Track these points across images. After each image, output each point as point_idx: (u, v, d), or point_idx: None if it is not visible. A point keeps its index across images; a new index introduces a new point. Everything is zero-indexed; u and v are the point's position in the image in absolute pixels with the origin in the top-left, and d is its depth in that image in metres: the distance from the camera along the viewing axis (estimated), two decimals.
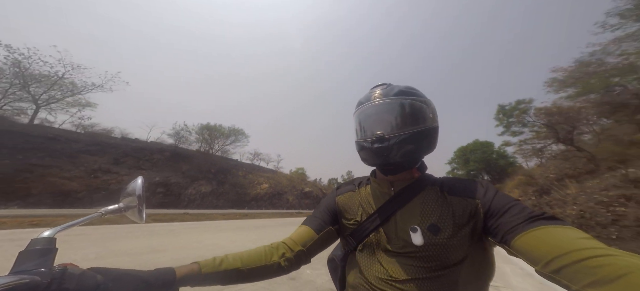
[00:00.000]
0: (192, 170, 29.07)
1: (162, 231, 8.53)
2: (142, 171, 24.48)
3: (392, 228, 0.66)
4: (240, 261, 0.62)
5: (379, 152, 0.65)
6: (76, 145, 22.07)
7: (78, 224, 0.48)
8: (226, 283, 0.61)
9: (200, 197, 27.25)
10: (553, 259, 0.41)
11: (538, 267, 0.44)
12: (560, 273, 0.40)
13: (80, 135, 24.57)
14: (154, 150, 28.74)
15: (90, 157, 21.72)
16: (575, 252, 0.39)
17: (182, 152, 31.51)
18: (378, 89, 0.72)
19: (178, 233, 8.33)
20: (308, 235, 0.74)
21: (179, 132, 32.86)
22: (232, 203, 30.10)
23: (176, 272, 0.53)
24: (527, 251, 0.46)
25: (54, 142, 20.92)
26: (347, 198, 0.80)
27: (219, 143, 36.89)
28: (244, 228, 10.93)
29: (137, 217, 0.58)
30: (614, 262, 0.36)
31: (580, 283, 0.37)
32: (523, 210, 0.52)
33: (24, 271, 0.38)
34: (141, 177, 0.61)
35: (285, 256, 0.68)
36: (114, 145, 25.56)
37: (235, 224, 12.46)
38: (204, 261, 0.59)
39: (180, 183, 26.41)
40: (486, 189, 0.62)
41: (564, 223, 0.47)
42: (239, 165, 38.75)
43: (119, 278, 0.45)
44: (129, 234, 7.36)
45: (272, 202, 35.90)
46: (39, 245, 0.42)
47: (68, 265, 0.42)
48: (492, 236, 0.55)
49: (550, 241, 0.44)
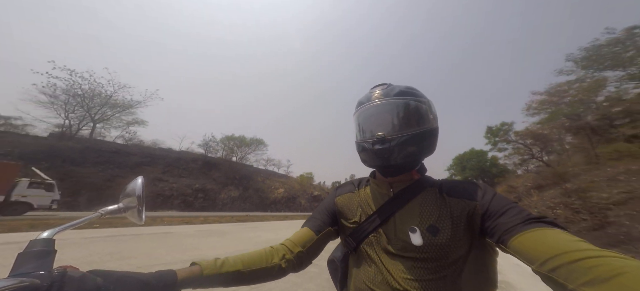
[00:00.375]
0: (221, 177, 33.07)
1: (249, 227, 12.44)
2: (183, 178, 28.50)
3: (392, 229, 0.66)
4: (241, 263, 0.62)
5: (379, 154, 0.66)
6: (134, 157, 26.24)
7: (77, 225, 0.48)
8: (227, 285, 0.61)
9: (230, 201, 31.27)
10: (549, 258, 0.42)
11: (534, 266, 0.45)
12: (556, 272, 0.41)
13: (134, 148, 28.72)
14: (188, 159, 32.72)
15: (146, 168, 25.81)
16: (571, 253, 0.41)
17: (210, 160, 35.53)
18: (378, 89, 0.71)
19: (264, 228, 12.21)
20: (307, 236, 0.74)
21: (207, 143, 37.07)
22: (256, 206, 34.06)
23: (177, 274, 0.52)
24: (523, 251, 0.47)
25: (116, 155, 25.01)
26: (346, 199, 0.80)
27: (241, 152, 41.05)
28: (290, 226, 13.57)
29: (137, 218, 0.57)
30: (608, 262, 0.37)
31: (575, 282, 0.38)
32: (520, 212, 0.53)
33: (23, 273, 0.37)
34: (141, 177, 0.59)
35: (286, 258, 0.68)
36: (159, 156, 29.71)
37: (285, 224, 16.32)
38: (205, 263, 0.58)
39: (214, 189, 30.44)
40: (484, 191, 0.62)
41: (563, 227, 0.48)
42: (257, 171, 42.80)
43: (120, 281, 0.44)
44: (245, 230, 11.26)
45: (288, 205, 39.94)
46: (38, 247, 0.41)
47: (68, 267, 0.42)
48: (490, 236, 0.56)
49: (546, 242, 0.45)
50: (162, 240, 7.04)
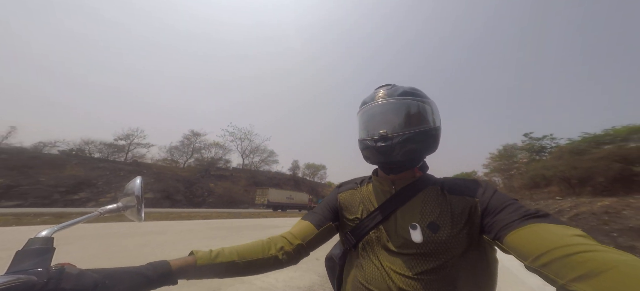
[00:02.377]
0: (306, 189, 52.00)
1: None
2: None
3: (392, 226, 0.67)
4: (236, 254, 0.62)
5: (382, 150, 0.66)
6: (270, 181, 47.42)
7: (76, 223, 0.48)
8: (222, 276, 0.61)
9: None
10: (541, 254, 0.42)
11: (527, 262, 0.45)
12: (547, 268, 0.41)
13: (266, 173, 50.49)
14: (281, 178, 52.48)
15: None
16: (563, 248, 0.41)
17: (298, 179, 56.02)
18: (382, 89, 0.73)
19: None
20: (308, 230, 0.74)
21: (294, 167, 58.33)
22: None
23: (171, 264, 0.52)
24: (517, 247, 0.47)
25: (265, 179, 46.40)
26: (348, 195, 0.81)
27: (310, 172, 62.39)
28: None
29: (136, 217, 0.57)
30: (598, 257, 0.37)
31: (566, 277, 0.38)
32: (519, 208, 0.53)
33: (20, 271, 0.37)
34: (140, 177, 0.60)
35: (284, 250, 0.68)
36: (270, 176, 50.38)
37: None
38: (199, 254, 0.58)
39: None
40: (485, 188, 0.62)
41: (558, 221, 0.48)
42: (322, 185, 62.24)
43: (118, 276, 0.44)
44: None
45: None
46: (36, 245, 0.41)
47: (65, 264, 0.42)
48: (487, 233, 0.56)
49: (540, 238, 0.45)
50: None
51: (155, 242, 6.34)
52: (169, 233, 7.84)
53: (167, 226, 9.70)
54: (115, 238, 6.39)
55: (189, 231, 8.70)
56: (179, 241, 6.75)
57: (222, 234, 8.51)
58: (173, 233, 7.91)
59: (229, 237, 7.97)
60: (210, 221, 12.52)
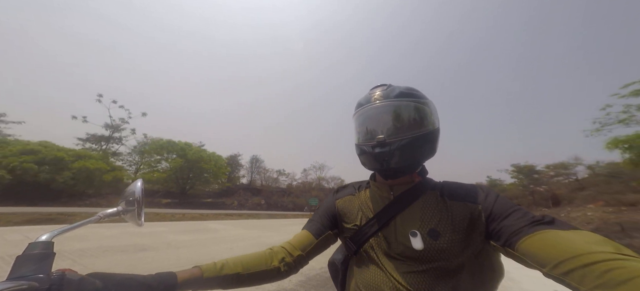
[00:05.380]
0: (320, 195, 52.51)
1: None
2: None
3: (392, 233, 0.65)
4: (241, 266, 0.63)
5: (379, 157, 0.65)
6: None
7: (76, 227, 0.47)
8: (227, 288, 0.61)
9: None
10: (562, 261, 0.41)
11: (546, 269, 0.43)
12: (569, 276, 0.40)
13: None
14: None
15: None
16: (586, 255, 0.40)
17: None
18: (378, 90, 0.70)
19: None
20: (307, 240, 0.74)
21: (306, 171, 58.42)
22: None
23: (178, 276, 0.53)
24: (533, 253, 0.46)
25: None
26: (346, 201, 0.79)
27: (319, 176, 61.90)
28: None
29: (136, 220, 0.57)
30: (622, 265, 0.36)
31: (588, 285, 0.37)
32: (525, 214, 0.52)
33: (21, 276, 0.37)
34: (141, 179, 0.59)
35: (285, 261, 0.69)
36: None
37: None
38: (205, 266, 0.59)
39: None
40: (487, 193, 0.61)
41: (568, 226, 0.47)
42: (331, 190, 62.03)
43: (120, 283, 0.44)
44: None
45: None
46: (37, 250, 0.41)
47: (66, 270, 0.42)
48: (495, 240, 0.54)
49: (559, 244, 0.44)
50: None
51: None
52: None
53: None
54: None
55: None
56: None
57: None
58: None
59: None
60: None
